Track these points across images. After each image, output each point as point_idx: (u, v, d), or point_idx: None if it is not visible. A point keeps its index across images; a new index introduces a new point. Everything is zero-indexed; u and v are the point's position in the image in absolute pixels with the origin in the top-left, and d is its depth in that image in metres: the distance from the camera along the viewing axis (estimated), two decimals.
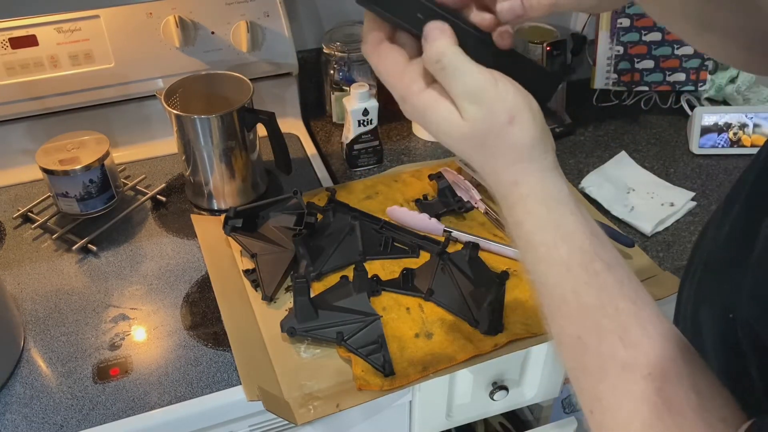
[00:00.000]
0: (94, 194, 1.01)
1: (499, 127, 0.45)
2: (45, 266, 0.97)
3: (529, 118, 0.45)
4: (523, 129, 0.45)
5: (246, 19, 1.13)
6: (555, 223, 0.45)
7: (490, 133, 0.45)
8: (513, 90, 0.45)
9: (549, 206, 0.45)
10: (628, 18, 1.25)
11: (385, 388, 0.79)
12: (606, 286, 0.43)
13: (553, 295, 0.45)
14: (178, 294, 0.92)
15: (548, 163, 0.46)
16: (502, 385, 0.93)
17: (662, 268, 0.96)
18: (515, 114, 0.44)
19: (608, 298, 0.43)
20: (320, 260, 0.94)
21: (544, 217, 0.45)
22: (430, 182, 1.08)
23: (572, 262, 0.44)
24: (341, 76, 1.24)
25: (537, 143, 0.45)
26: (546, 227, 0.45)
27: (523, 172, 0.45)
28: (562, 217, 0.45)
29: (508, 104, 0.44)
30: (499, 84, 0.45)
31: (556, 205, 0.45)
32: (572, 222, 0.45)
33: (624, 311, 0.43)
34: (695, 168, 1.18)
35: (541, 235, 0.45)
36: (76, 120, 1.13)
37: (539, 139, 0.45)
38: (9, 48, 1.05)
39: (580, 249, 0.44)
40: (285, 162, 1.07)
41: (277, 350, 0.83)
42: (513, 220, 0.46)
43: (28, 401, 0.79)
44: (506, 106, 0.44)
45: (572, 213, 0.45)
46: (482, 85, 0.44)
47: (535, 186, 0.45)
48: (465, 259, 0.91)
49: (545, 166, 0.45)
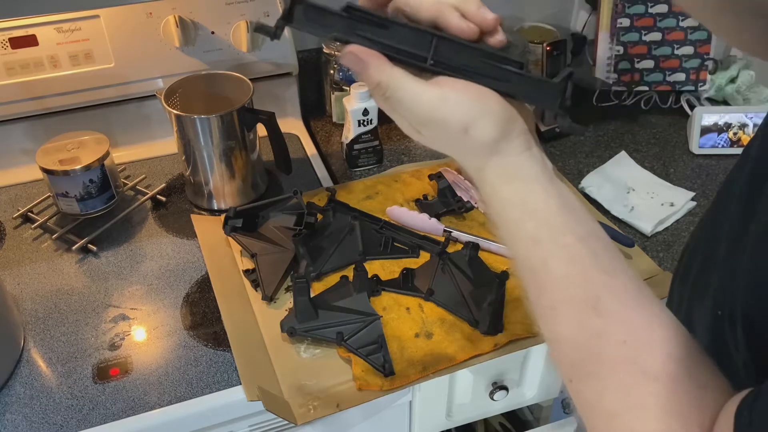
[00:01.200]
0: (94, 194, 1.01)
1: (455, 137, 0.46)
2: (45, 266, 0.97)
3: (486, 122, 0.45)
4: (480, 134, 0.46)
5: (246, 19, 1.13)
6: (521, 201, 0.46)
7: (448, 142, 0.47)
8: (464, 99, 0.45)
9: (514, 187, 0.46)
10: (628, 18, 1.25)
11: (385, 388, 0.79)
12: (576, 257, 0.44)
13: (524, 269, 0.46)
14: (178, 294, 0.92)
15: (514, 148, 0.47)
16: (502, 385, 0.93)
17: (662, 268, 0.96)
18: (468, 123, 0.45)
19: (578, 268, 0.44)
20: (320, 260, 0.94)
21: (509, 197, 0.46)
22: (430, 182, 1.08)
23: (540, 236, 0.45)
24: (341, 76, 1.24)
25: (498, 139, 0.46)
26: (512, 206, 0.46)
27: (486, 161, 0.47)
28: (530, 194, 0.46)
29: (460, 116, 0.45)
30: (449, 98, 0.45)
31: (523, 184, 0.46)
32: (541, 199, 0.46)
33: (595, 281, 0.43)
34: (695, 168, 1.18)
35: (508, 213, 0.46)
36: (76, 120, 1.13)
37: (500, 135, 0.46)
38: (9, 48, 1.05)
39: (547, 223, 0.45)
40: (285, 162, 1.07)
41: (277, 350, 0.83)
42: (485, 200, 0.48)
43: (28, 401, 0.79)
44: (458, 119, 0.45)
45: (543, 190, 0.46)
46: (429, 106, 0.45)
47: (497, 171, 0.47)
48: (465, 259, 0.91)
49: (511, 151, 0.46)
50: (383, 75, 0.45)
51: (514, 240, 0.47)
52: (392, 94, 0.45)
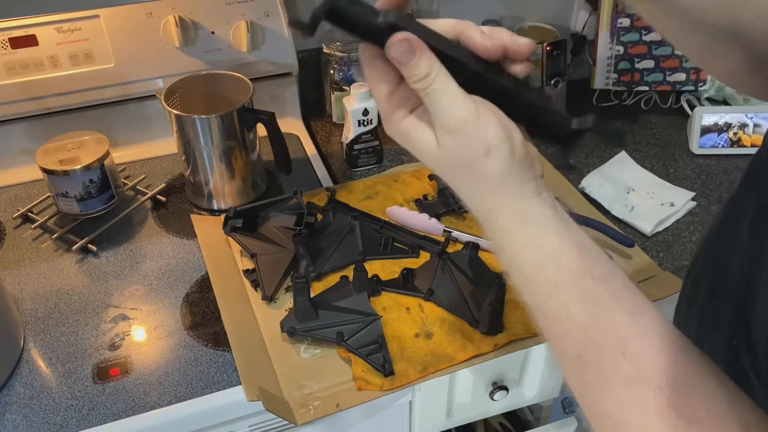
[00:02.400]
0: (94, 194, 1.01)
1: (473, 157, 0.44)
2: (45, 266, 0.97)
3: (506, 151, 0.44)
4: (497, 162, 0.44)
5: (246, 19, 1.13)
6: (536, 246, 0.44)
7: (464, 162, 0.45)
8: (494, 122, 0.44)
9: (528, 230, 0.45)
10: (628, 18, 1.25)
11: (385, 388, 0.79)
12: (600, 301, 0.43)
13: (546, 317, 0.45)
14: (178, 294, 0.92)
15: (526, 192, 0.45)
16: (502, 385, 0.93)
17: (662, 268, 0.96)
18: (491, 147, 0.44)
19: (603, 312, 0.42)
20: (320, 260, 0.94)
21: (524, 241, 0.45)
22: (430, 182, 1.08)
23: (560, 281, 0.43)
24: (341, 76, 1.24)
25: (512, 175, 0.45)
26: (527, 250, 0.45)
27: (499, 201, 0.45)
28: (544, 237, 0.45)
29: (487, 137, 0.44)
30: (480, 116, 0.44)
31: (537, 228, 0.45)
32: (556, 242, 0.44)
33: (621, 324, 0.42)
34: (695, 168, 1.18)
35: (524, 257, 0.45)
36: (76, 120, 1.13)
37: (515, 171, 0.45)
38: (9, 48, 1.05)
39: (567, 267, 0.44)
40: (285, 162, 1.07)
41: (277, 350, 0.83)
42: (495, 245, 0.46)
43: (28, 401, 0.79)
44: (484, 139, 0.44)
45: (557, 233, 0.45)
46: (463, 117, 0.44)
47: (510, 214, 0.45)
48: (465, 259, 0.91)
49: (523, 195, 0.45)
50: (434, 68, 0.44)
51: (532, 286, 0.45)
52: (435, 89, 0.44)
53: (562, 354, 0.44)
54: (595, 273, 0.44)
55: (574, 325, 0.43)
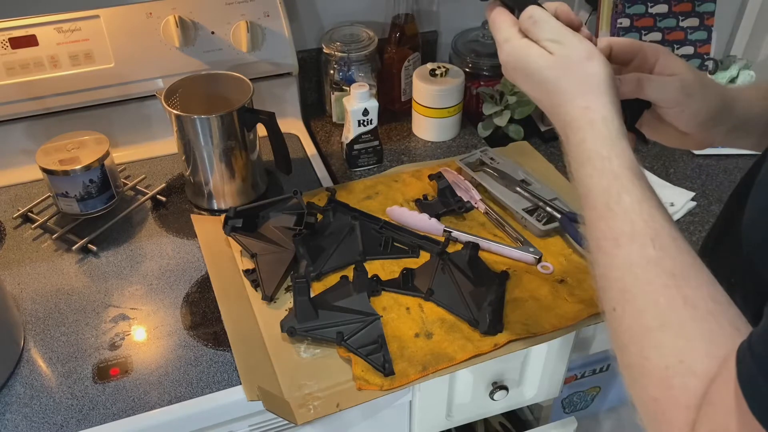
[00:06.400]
0: (94, 194, 1.01)
1: (579, 60, 0.56)
2: (45, 266, 0.97)
3: (603, 59, 0.56)
4: (599, 65, 0.55)
5: (246, 19, 1.13)
6: (611, 142, 0.53)
7: (572, 63, 0.56)
8: (589, 43, 0.57)
9: (609, 128, 0.54)
10: (628, 18, 1.25)
11: (385, 388, 0.79)
12: (646, 197, 0.51)
13: (597, 202, 0.52)
14: (178, 294, 0.92)
15: (615, 98, 0.55)
16: (502, 385, 0.93)
17: None
18: (592, 53, 0.56)
19: (647, 204, 0.50)
20: (320, 260, 0.94)
21: (605, 136, 0.54)
22: (430, 182, 1.08)
23: (620, 174, 0.52)
24: (341, 76, 1.24)
25: (609, 79, 0.55)
26: (605, 144, 0.53)
27: (595, 100, 0.55)
28: (618, 139, 0.54)
29: (586, 45, 0.56)
30: (576, 34, 0.57)
31: (616, 129, 0.54)
32: (625, 146, 0.54)
33: (658, 218, 0.49)
34: (695, 168, 1.18)
35: (600, 149, 0.53)
36: (76, 120, 1.13)
37: (611, 76, 0.55)
38: (9, 48, 1.05)
39: (629, 166, 0.52)
40: (285, 162, 1.07)
41: (277, 350, 0.84)
42: (577, 139, 0.55)
43: (28, 401, 0.79)
44: (584, 47, 0.56)
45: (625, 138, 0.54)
46: (563, 31, 0.57)
47: (603, 112, 0.54)
48: (465, 259, 0.92)
49: (613, 100, 0.55)
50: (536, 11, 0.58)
51: (597, 173, 0.52)
52: (539, 17, 0.57)
53: (601, 237, 0.51)
54: (643, 180, 0.52)
55: (621, 210, 0.50)
